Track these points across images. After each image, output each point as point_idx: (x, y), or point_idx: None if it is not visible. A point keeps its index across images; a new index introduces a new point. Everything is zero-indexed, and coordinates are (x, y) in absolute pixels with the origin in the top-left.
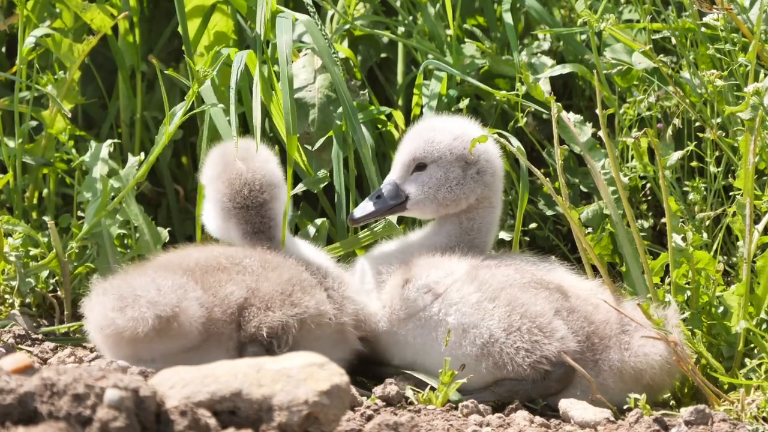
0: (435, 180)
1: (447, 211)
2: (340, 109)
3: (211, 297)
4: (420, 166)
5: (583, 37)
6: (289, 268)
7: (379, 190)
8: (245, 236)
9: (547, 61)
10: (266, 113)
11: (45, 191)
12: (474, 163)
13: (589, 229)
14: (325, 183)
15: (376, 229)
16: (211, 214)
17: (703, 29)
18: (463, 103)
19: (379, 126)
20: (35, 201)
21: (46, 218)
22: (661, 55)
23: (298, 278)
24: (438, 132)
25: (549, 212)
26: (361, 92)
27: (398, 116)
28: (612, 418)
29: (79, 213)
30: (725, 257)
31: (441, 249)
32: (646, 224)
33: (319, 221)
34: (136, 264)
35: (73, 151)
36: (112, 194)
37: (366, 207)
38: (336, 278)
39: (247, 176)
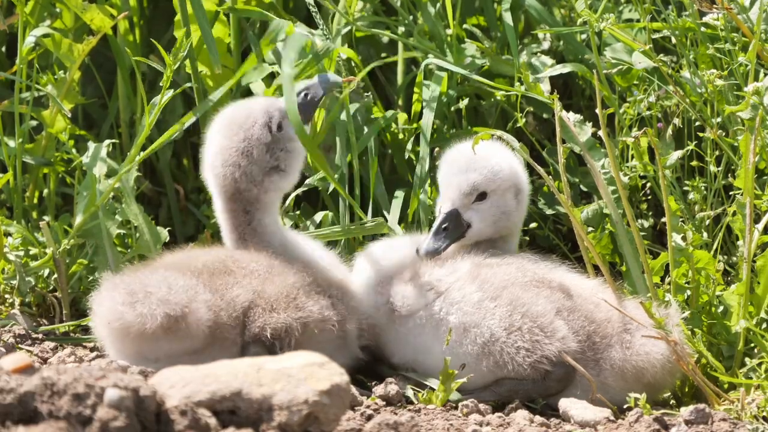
0: (495, 209)
1: (496, 236)
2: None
3: (219, 300)
4: (481, 196)
5: (583, 36)
6: (294, 273)
7: (443, 221)
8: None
9: (547, 60)
10: None
11: (45, 191)
12: (521, 188)
13: (589, 229)
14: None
15: (366, 225)
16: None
17: (703, 29)
18: (463, 103)
19: (383, 126)
20: (35, 201)
21: (45, 218)
22: (661, 55)
23: (302, 283)
24: (495, 161)
25: (549, 211)
26: (365, 94)
27: (402, 118)
28: (612, 418)
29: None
30: (725, 257)
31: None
32: (646, 224)
33: (320, 215)
34: (140, 263)
35: (74, 150)
36: (111, 193)
37: (437, 241)
38: (340, 286)
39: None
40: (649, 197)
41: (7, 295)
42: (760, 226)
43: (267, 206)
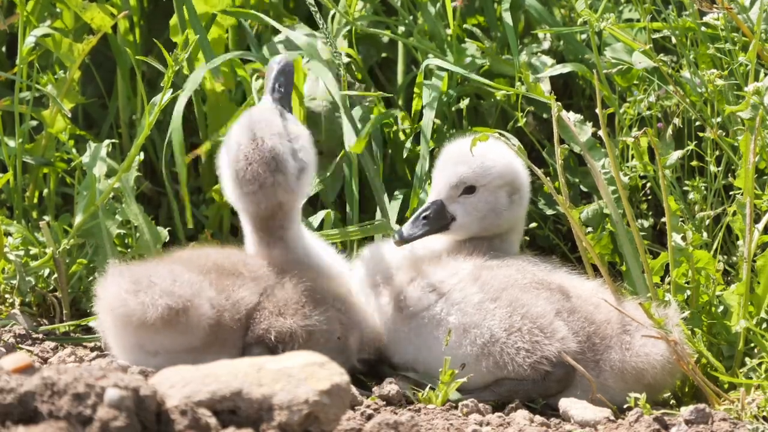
0: (483, 204)
1: (486, 234)
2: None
3: (224, 300)
4: (469, 189)
5: (584, 36)
6: (304, 282)
7: (425, 209)
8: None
9: (547, 60)
10: None
11: (45, 191)
12: (518, 188)
13: (589, 229)
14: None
15: (368, 226)
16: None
17: (703, 28)
18: (464, 103)
19: (386, 130)
20: (35, 201)
21: (45, 218)
22: (662, 55)
23: (311, 291)
24: (489, 157)
25: (549, 212)
26: (369, 100)
27: (404, 118)
28: (612, 417)
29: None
30: (725, 257)
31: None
32: (646, 224)
33: (323, 213)
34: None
35: (74, 150)
36: (111, 193)
37: (413, 227)
38: (346, 298)
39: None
40: (649, 197)
41: (7, 295)
42: (760, 226)
43: (297, 213)
